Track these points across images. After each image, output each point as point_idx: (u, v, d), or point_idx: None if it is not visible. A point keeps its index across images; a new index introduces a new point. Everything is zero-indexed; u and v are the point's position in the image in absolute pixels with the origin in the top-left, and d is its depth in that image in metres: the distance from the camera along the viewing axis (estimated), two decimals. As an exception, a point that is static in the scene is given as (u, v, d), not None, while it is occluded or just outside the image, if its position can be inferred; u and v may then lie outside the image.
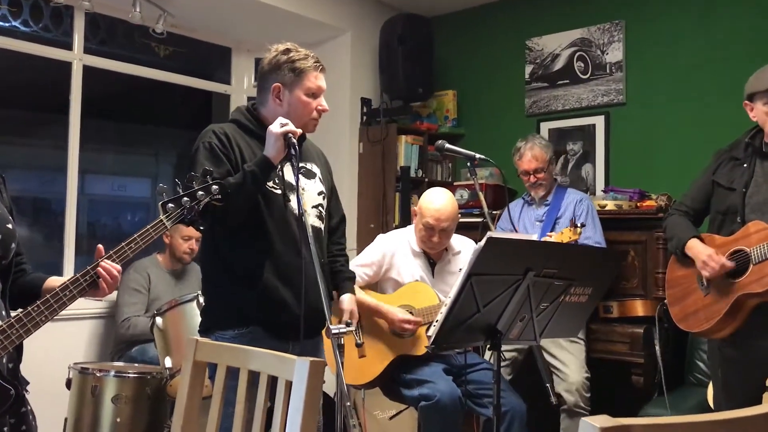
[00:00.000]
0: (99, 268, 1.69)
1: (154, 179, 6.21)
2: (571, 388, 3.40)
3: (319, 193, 2.38)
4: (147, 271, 3.78)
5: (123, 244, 1.74)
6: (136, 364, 3.40)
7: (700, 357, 3.56)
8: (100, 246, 1.75)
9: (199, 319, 2.97)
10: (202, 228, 1.87)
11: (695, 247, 2.73)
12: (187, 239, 3.82)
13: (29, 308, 1.61)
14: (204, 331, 2.26)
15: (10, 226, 1.73)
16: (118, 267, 1.72)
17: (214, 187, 1.86)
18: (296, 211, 2.24)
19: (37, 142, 4.88)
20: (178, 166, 5.99)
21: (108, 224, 5.77)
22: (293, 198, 2.25)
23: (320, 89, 2.31)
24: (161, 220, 1.79)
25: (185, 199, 1.81)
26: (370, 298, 3.08)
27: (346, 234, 4.77)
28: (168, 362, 2.98)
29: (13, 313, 1.65)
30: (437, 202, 3.05)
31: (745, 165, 2.75)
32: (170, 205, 1.80)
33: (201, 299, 3.05)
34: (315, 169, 2.41)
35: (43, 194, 5.04)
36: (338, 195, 2.59)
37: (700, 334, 2.79)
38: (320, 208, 2.37)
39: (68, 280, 1.67)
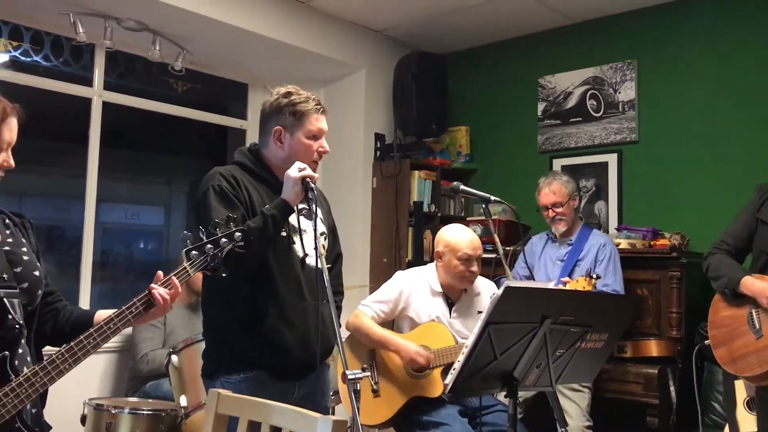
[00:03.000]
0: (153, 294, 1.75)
1: (167, 207, 6.25)
2: None
3: (321, 234, 2.37)
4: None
5: (147, 292, 1.77)
6: (151, 400, 3.41)
7: (716, 398, 3.53)
8: (159, 272, 1.80)
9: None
10: (224, 275, 1.88)
11: (754, 285, 2.63)
12: (206, 273, 3.84)
13: (53, 355, 1.64)
14: (208, 376, 2.24)
15: (37, 273, 1.75)
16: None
17: (237, 234, 1.87)
18: (300, 254, 2.25)
19: (53, 170, 4.95)
20: (191, 195, 6.04)
21: (121, 252, 5.81)
22: (297, 240, 2.25)
23: (321, 131, 2.30)
24: (185, 268, 1.81)
25: (209, 246, 1.82)
26: (380, 330, 3.07)
27: (359, 269, 4.81)
28: (183, 401, 2.99)
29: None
30: (465, 234, 3.15)
31: None
32: (194, 252, 1.81)
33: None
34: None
35: (58, 222, 5.09)
36: (337, 234, 2.56)
37: (750, 379, 2.70)
38: (322, 248, 2.38)
39: (94, 329, 1.69)
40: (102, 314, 1.82)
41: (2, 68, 3.89)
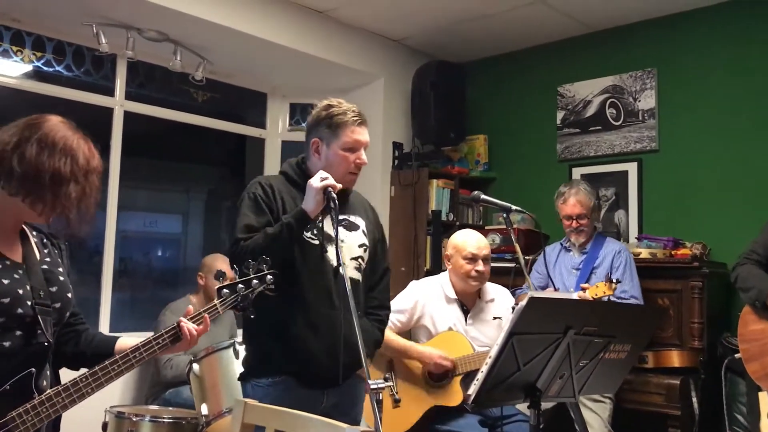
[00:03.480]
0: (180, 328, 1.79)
1: (185, 216, 6.29)
2: None
3: (360, 245, 2.38)
4: (183, 312, 3.81)
5: (175, 324, 1.80)
6: (171, 408, 3.42)
7: (740, 410, 3.48)
8: (190, 307, 1.85)
9: (234, 366, 3.01)
10: (252, 317, 1.90)
11: None
12: (222, 280, 3.85)
13: (77, 378, 1.64)
14: (242, 378, 2.31)
15: (69, 295, 1.77)
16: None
17: (269, 277, 1.89)
18: (333, 263, 2.27)
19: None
20: (209, 203, 6.08)
21: (139, 260, 5.85)
22: (331, 249, 2.27)
23: (358, 143, 2.33)
24: (215, 305, 1.84)
25: (240, 286, 1.85)
26: (401, 339, 3.09)
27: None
28: (204, 409, 2.99)
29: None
30: (471, 235, 3.25)
31: None
32: (225, 290, 1.84)
33: (237, 346, 3.08)
34: (359, 221, 2.43)
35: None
36: (386, 247, 2.57)
37: None
38: (360, 260, 2.38)
39: (119, 357, 1.70)
40: (124, 342, 1.84)
41: (26, 78, 3.94)
